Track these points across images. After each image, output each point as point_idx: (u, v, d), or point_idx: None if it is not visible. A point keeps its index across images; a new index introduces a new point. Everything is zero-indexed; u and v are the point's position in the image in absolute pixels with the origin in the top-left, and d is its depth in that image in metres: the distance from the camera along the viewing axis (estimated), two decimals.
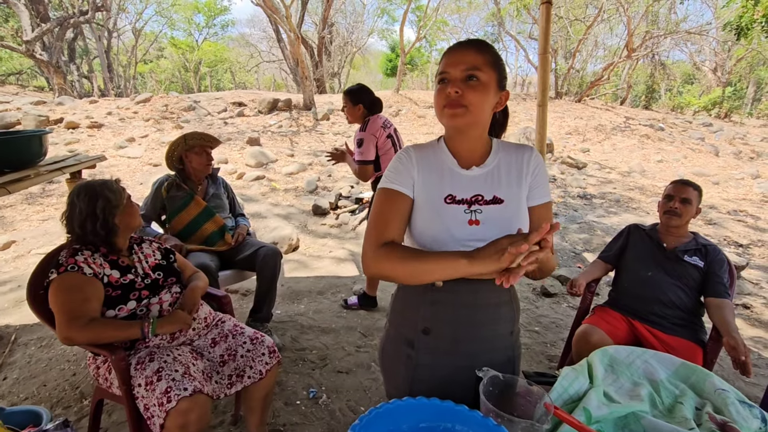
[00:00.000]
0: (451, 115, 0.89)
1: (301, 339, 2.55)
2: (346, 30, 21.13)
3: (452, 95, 0.88)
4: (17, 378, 2.16)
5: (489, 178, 0.96)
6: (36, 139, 2.01)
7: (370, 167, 2.64)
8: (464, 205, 0.93)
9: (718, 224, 5.24)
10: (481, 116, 0.92)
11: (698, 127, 11.24)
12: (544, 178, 0.99)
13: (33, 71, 17.79)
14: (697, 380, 0.97)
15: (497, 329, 0.99)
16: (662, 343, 1.71)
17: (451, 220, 0.93)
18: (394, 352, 1.04)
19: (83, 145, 6.63)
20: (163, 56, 22.99)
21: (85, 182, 1.49)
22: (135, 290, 1.46)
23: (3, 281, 3.27)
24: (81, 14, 12.61)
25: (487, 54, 0.90)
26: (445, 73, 0.90)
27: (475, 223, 0.92)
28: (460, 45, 0.92)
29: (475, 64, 0.88)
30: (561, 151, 8.79)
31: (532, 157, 0.99)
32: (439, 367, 0.98)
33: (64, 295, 1.33)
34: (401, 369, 1.02)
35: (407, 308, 1.02)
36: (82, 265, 1.38)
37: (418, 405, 0.77)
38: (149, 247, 1.63)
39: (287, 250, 3.97)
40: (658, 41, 14.71)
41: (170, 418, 1.21)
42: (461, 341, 0.97)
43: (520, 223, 0.94)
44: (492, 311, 0.98)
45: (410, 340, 1.00)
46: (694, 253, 1.79)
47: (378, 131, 2.62)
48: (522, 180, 0.97)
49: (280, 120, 9.12)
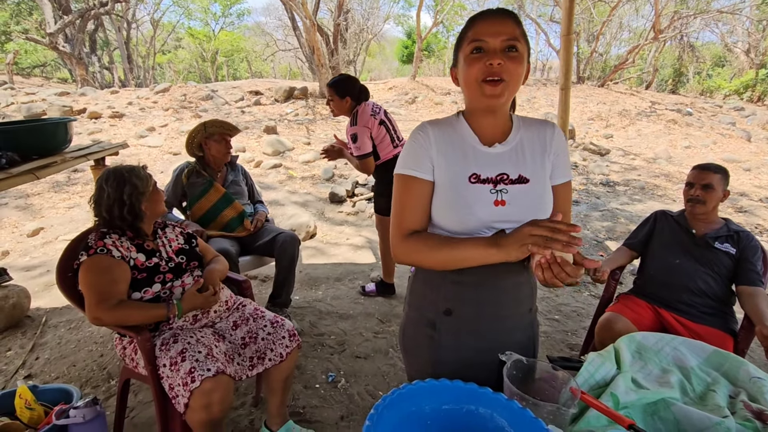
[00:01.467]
0: (492, 92, 0.83)
1: (320, 324, 2.57)
2: (361, 16, 20.86)
3: (495, 67, 0.82)
4: (48, 358, 2.25)
5: (513, 155, 0.92)
6: (62, 127, 2.05)
7: (371, 159, 2.55)
8: (489, 184, 0.89)
9: (750, 212, 5.04)
10: (516, 90, 0.87)
11: (729, 112, 10.77)
12: (566, 156, 0.97)
13: (56, 63, 18.21)
14: (730, 368, 0.93)
15: (518, 308, 0.98)
16: (690, 331, 1.66)
17: (475, 200, 0.88)
18: (416, 335, 1.02)
19: (105, 134, 6.77)
20: (180, 46, 23.20)
21: (114, 168, 1.51)
22: (160, 273, 1.49)
23: (33, 266, 3.39)
24: (101, 5, 12.79)
25: (521, 26, 0.86)
26: (481, 41, 0.83)
27: (501, 204, 0.88)
28: (496, 13, 0.85)
29: (514, 35, 0.83)
30: (583, 137, 8.56)
31: (554, 134, 0.95)
32: (463, 348, 0.96)
33: (94, 277, 1.36)
34: (424, 351, 1.00)
35: (428, 289, 1.00)
36: (111, 248, 1.41)
37: (441, 387, 0.76)
38: (172, 231, 1.65)
39: (305, 237, 4.00)
40: (687, 22, 14.05)
41: (194, 398, 1.23)
42: (484, 321, 0.96)
43: (545, 203, 0.91)
44: (513, 291, 0.96)
45: (432, 322, 0.98)
46: (725, 239, 1.71)
47: (369, 121, 2.51)
48: (545, 158, 0.93)
49: (296, 108, 9.12)
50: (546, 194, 0.92)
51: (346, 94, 2.55)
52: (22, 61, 16.59)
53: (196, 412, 1.24)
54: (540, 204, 0.90)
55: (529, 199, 0.90)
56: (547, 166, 0.93)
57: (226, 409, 1.30)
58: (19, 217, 4.33)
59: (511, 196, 0.89)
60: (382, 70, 25.61)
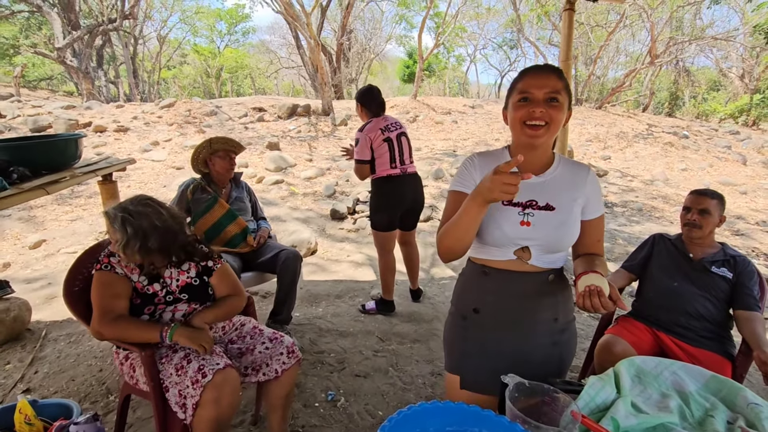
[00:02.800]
0: (532, 134, 1.02)
1: (320, 342, 2.57)
2: (364, 36, 21.33)
3: (537, 114, 1.00)
4: (47, 372, 2.24)
5: (545, 187, 1.09)
6: (72, 142, 2.09)
7: (366, 167, 2.69)
8: (519, 207, 1.07)
9: (746, 235, 5.08)
10: (555, 133, 1.05)
11: (724, 135, 10.92)
12: (599, 195, 1.13)
13: (63, 77, 18.46)
14: (728, 393, 0.95)
15: (539, 316, 1.12)
16: (689, 355, 1.67)
17: (504, 219, 1.07)
18: (452, 326, 1.24)
19: (110, 148, 6.84)
20: (186, 62, 23.58)
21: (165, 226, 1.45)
22: (152, 305, 1.46)
23: (34, 278, 3.39)
24: (110, 22, 13.07)
25: (563, 80, 1.03)
26: (528, 92, 1.02)
27: (526, 224, 1.06)
28: (541, 69, 1.04)
29: (556, 88, 1.01)
30: (581, 158, 8.66)
31: (588, 177, 1.12)
32: (487, 344, 1.15)
33: (98, 290, 1.39)
34: (457, 341, 1.21)
35: (464, 290, 1.23)
36: (115, 266, 1.44)
37: (445, 408, 0.77)
38: (187, 263, 1.57)
39: (306, 254, 4.01)
40: (682, 47, 14.39)
41: (206, 392, 1.25)
42: (505, 322, 1.13)
43: (567, 230, 1.07)
44: (533, 299, 1.11)
45: (464, 316, 1.20)
46: (722, 264, 1.74)
47: (374, 133, 2.64)
48: (577, 195, 1.09)
49: (299, 125, 9.24)
50: (569, 223, 1.07)
51: (364, 104, 2.79)
52: (29, 74, 16.83)
53: (205, 408, 1.25)
54: (561, 229, 1.06)
55: (551, 224, 1.06)
56: (578, 201, 1.09)
57: (234, 405, 1.31)
58: (21, 228, 4.35)
59: (536, 219, 1.06)
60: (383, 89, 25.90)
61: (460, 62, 24.62)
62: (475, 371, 1.18)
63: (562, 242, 1.07)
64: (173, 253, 1.49)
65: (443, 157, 7.76)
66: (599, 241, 1.14)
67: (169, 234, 1.44)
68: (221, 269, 1.62)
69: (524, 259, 1.10)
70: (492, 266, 1.14)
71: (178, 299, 1.51)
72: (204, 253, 1.61)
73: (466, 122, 10.68)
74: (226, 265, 1.65)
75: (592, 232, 1.12)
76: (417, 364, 2.37)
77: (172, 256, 1.50)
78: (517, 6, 14.61)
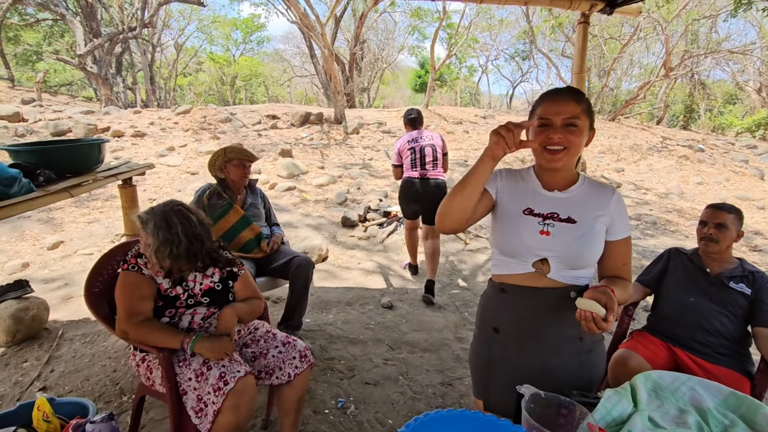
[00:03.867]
0: (551, 159, 1.05)
1: (330, 348, 2.58)
2: (377, 46, 21.55)
3: (555, 140, 1.02)
4: (63, 371, 2.28)
5: (568, 202, 1.10)
6: (96, 147, 2.16)
7: (397, 169, 3.51)
8: (539, 218, 1.08)
9: (765, 251, 4.97)
10: (576, 156, 1.07)
11: (741, 149, 10.77)
12: (625, 216, 1.11)
13: (82, 82, 18.94)
14: (747, 411, 0.94)
15: (561, 332, 1.09)
16: (706, 372, 1.64)
17: (524, 228, 1.08)
18: (475, 348, 1.24)
19: (127, 152, 6.98)
20: (201, 70, 24.03)
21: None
22: (173, 308, 1.49)
23: (52, 279, 3.46)
24: (130, 30, 13.41)
25: (583, 103, 1.04)
26: (546, 119, 1.04)
27: (546, 234, 1.07)
28: (559, 94, 1.05)
29: (574, 113, 1.02)
30: (594, 170, 8.60)
31: (614, 197, 1.10)
32: (510, 363, 1.13)
33: (124, 291, 1.42)
34: (480, 362, 1.21)
35: (484, 310, 1.22)
36: (142, 267, 1.47)
37: (461, 416, 0.78)
38: (211, 268, 1.59)
39: (317, 260, 4.04)
40: (697, 60, 14.27)
41: (228, 400, 1.27)
42: (525, 340, 1.11)
43: (588, 244, 1.05)
44: (552, 314, 1.08)
45: (486, 337, 1.19)
46: (740, 279, 1.72)
47: (402, 144, 3.44)
48: (600, 213, 1.08)
49: (311, 133, 9.34)
50: (590, 237, 1.06)
51: (404, 121, 3.58)
52: (51, 80, 17.30)
53: (225, 415, 1.27)
54: (581, 243, 1.05)
55: (571, 236, 1.06)
56: (601, 219, 1.08)
57: (251, 411, 1.34)
58: (40, 230, 4.45)
59: (556, 230, 1.07)
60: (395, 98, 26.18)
61: (472, 73, 24.74)
62: (498, 394, 1.16)
63: (583, 256, 1.06)
64: (200, 258, 1.52)
65: (454, 167, 7.77)
66: (625, 264, 1.11)
67: (198, 241, 1.47)
68: (244, 275, 1.66)
69: (543, 271, 1.08)
70: (510, 282, 1.14)
71: (199, 303, 1.53)
72: (228, 259, 1.64)
73: (477, 132, 10.69)
74: (248, 272, 1.70)
75: (616, 254, 1.10)
76: (427, 374, 2.37)
77: (198, 262, 1.52)
78: (530, 18, 14.67)
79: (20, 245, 4.14)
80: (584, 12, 2.91)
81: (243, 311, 1.57)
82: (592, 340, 1.12)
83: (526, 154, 8.52)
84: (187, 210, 1.50)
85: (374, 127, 10.17)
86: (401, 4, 16.44)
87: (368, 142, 9.23)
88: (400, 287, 3.63)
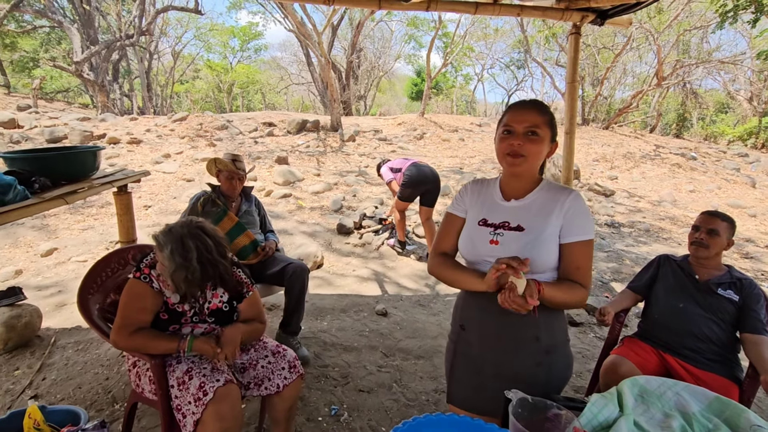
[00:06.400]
0: (512, 163, 1.12)
1: (324, 356, 2.58)
2: (373, 55, 21.72)
3: (515, 146, 1.10)
4: (55, 379, 2.26)
5: (521, 210, 1.16)
6: (91, 155, 2.17)
7: (397, 173, 4.21)
8: (491, 227, 1.17)
9: (756, 258, 5.03)
10: (535, 164, 1.14)
11: (733, 157, 10.89)
12: (580, 218, 1.12)
13: (79, 89, 18.94)
14: (731, 415, 0.96)
15: (520, 333, 1.15)
16: (695, 378, 1.66)
17: (477, 238, 1.18)
18: (448, 344, 1.33)
19: (123, 159, 6.98)
20: (198, 77, 24.08)
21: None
22: (178, 324, 1.50)
23: (45, 285, 3.45)
24: (127, 37, 13.47)
25: (545, 115, 1.11)
26: (509, 126, 1.11)
27: (495, 243, 1.14)
28: (524, 105, 1.13)
29: (535, 123, 1.09)
30: (588, 177, 8.67)
31: (568, 199, 1.14)
32: (474, 358, 1.21)
33: (127, 299, 1.42)
34: (447, 357, 1.31)
35: (455, 309, 1.31)
36: (154, 279, 1.46)
37: (450, 421, 0.79)
38: (221, 288, 1.59)
39: (312, 267, 4.04)
40: (689, 70, 14.48)
41: (208, 411, 1.27)
42: (488, 338, 1.19)
43: (536, 250, 1.09)
44: (513, 317, 1.11)
45: (456, 333, 1.28)
46: (728, 286, 1.74)
47: (400, 163, 4.23)
48: (552, 216, 1.12)
49: (307, 140, 9.37)
50: (539, 243, 1.10)
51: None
52: (47, 87, 17.28)
53: (206, 426, 1.26)
54: (529, 248, 1.09)
55: (518, 243, 1.11)
56: (552, 223, 1.12)
57: (237, 420, 1.33)
58: (34, 236, 4.43)
59: (504, 239, 1.14)
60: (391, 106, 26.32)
61: (468, 81, 24.92)
62: (461, 387, 1.24)
63: (533, 262, 1.06)
64: (214, 281, 1.51)
65: (450, 174, 7.82)
66: (579, 269, 1.11)
67: (212, 266, 1.46)
68: (252, 297, 1.65)
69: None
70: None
71: (204, 321, 1.54)
72: (239, 280, 1.63)
73: (473, 140, 10.77)
74: (257, 293, 1.69)
75: (569, 257, 1.11)
76: (421, 381, 2.37)
77: (210, 283, 1.52)
78: (525, 28, 14.86)
79: (14, 252, 4.12)
80: (576, 23, 2.97)
81: (246, 333, 1.56)
82: (550, 341, 1.16)
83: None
84: (205, 233, 1.47)
85: (370, 135, 10.23)
86: (398, 14, 16.62)
87: (364, 149, 9.27)
88: (395, 294, 3.63)
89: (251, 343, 1.67)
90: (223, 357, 1.41)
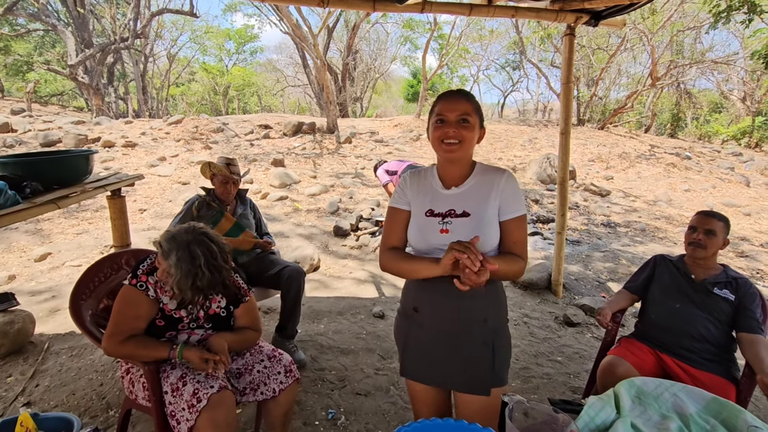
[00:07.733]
0: (448, 150, 1.17)
1: (321, 359, 2.56)
2: (369, 57, 21.75)
3: (450, 134, 1.16)
4: (48, 385, 2.24)
5: (463, 196, 1.22)
6: (84, 159, 2.15)
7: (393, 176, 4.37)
8: (439, 217, 1.21)
9: (751, 257, 5.05)
10: (470, 149, 1.20)
11: (727, 157, 10.96)
12: (514, 196, 1.21)
13: (73, 92, 18.85)
14: (728, 416, 0.95)
15: (469, 315, 1.21)
16: (692, 378, 1.66)
17: (427, 229, 1.22)
18: (399, 322, 1.36)
19: (118, 162, 6.94)
20: (194, 80, 24.02)
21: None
22: (174, 330, 1.48)
23: (39, 291, 3.41)
24: (122, 41, 13.42)
25: (474, 103, 1.19)
26: (442, 115, 1.17)
27: (445, 232, 1.19)
28: (454, 94, 1.19)
29: (466, 110, 1.16)
30: (584, 178, 8.70)
31: (503, 179, 1.22)
32: (425, 337, 1.25)
33: (120, 306, 1.40)
34: (401, 336, 1.33)
35: (408, 291, 1.33)
36: (150, 286, 1.44)
37: (445, 426, 0.78)
38: (220, 294, 1.58)
39: (308, 270, 4.02)
40: (683, 70, 14.57)
41: (202, 418, 1.25)
42: (440, 319, 1.23)
43: (482, 232, 1.17)
44: (464, 300, 1.19)
45: (408, 314, 1.31)
46: (724, 285, 1.75)
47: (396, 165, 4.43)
48: (490, 198, 1.20)
49: (304, 142, 9.36)
50: (484, 226, 1.18)
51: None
52: (41, 90, 17.20)
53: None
54: (476, 231, 1.16)
55: (467, 229, 1.18)
56: (491, 204, 1.19)
57: (231, 424, 1.31)
58: (28, 241, 4.39)
59: (453, 227, 1.19)
60: (387, 108, 26.38)
61: (464, 82, 24.97)
62: (414, 363, 1.29)
63: (481, 244, 1.13)
64: (217, 286, 1.49)
65: None
66: (516, 242, 1.21)
67: (218, 272, 1.45)
68: (249, 302, 1.63)
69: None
70: None
71: (201, 327, 1.52)
72: (238, 286, 1.62)
73: None
74: (254, 300, 1.67)
75: (507, 233, 1.20)
76: None
77: (212, 290, 1.50)
78: (520, 29, 14.92)
79: (7, 257, 4.08)
80: (570, 24, 2.98)
81: (234, 342, 1.53)
82: (495, 322, 1.23)
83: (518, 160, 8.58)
84: (210, 239, 1.45)
85: (367, 137, 10.23)
86: (393, 16, 16.65)
87: (360, 151, 9.26)
88: (392, 296, 3.62)
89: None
90: (211, 367, 1.37)
